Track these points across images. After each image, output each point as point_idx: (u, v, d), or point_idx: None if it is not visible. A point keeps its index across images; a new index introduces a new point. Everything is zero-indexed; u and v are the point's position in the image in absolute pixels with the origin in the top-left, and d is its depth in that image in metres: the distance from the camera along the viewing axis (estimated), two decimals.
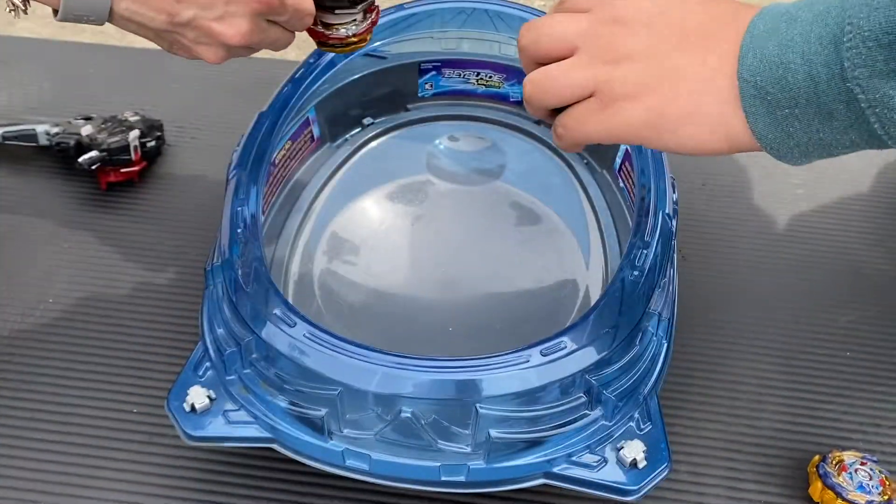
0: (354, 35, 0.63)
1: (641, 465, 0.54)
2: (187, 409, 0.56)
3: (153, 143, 0.82)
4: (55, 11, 0.56)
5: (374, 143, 0.79)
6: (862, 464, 0.59)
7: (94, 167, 0.77)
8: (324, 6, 0.61)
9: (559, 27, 0.50)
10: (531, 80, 0.50)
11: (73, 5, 0.54)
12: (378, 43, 0.75)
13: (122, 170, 0.79)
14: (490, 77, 0.79)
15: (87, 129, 0.79)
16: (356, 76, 0.76)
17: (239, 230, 0.60)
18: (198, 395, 0.56)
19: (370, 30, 0.64)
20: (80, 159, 0.77)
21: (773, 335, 0.72)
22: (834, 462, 0.60)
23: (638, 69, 0.47)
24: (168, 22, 0.55)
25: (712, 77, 0.46)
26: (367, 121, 0.79)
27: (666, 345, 0.59)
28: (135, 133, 0.79)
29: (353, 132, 0.79)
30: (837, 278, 0.76)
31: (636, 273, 0.58)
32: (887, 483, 0.58)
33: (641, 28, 0.48)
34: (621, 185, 0.72)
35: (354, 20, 0.62)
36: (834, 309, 0.74)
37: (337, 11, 0.62)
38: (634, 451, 0.54)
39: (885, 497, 0.58)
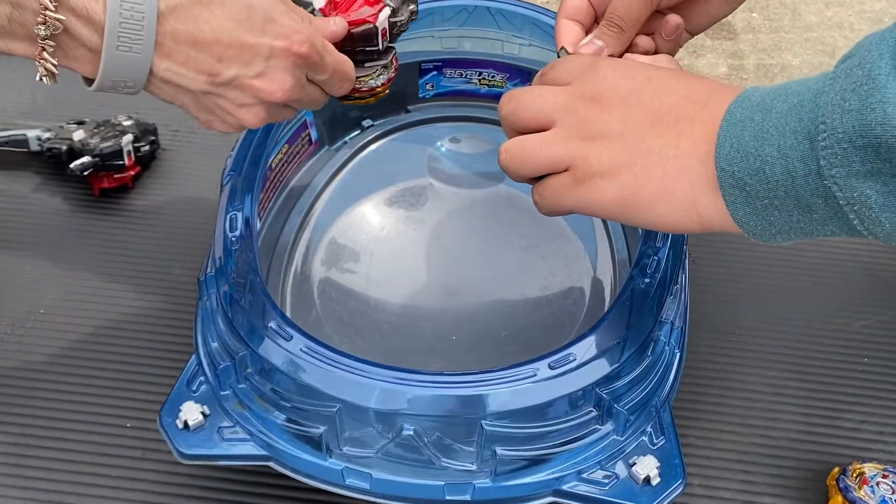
0: (382, 85, 0.62)
1: (655, 481, 0.52)
2: (180, 425, 0.54)
3: (147, 148, 0.80)
4: (87, 80, 0.51)
5: (373, 146, 0.77)
6: (884, 476, 0.57)
7: (86, 173, 0.76)
8: (354, 61, 0.59)
9: (538, 100, 0.51)
10: (507, 149, 0.51)
11: (112, 71, 0.49)
12: None
13: (116, 175, 0.78)
14: (493, 76, 0.77)
15: (79, 134, 0.77)
16: None
17: (234, 238, 0.58)
18: (191, 411, 0.54)
19: (393, 77, 0.63)
20: (71, 165, 0.75)
21: (786, 341, 0.70)
22: (854, 475, 0.58)
23: (612, 148, 0.48)
24: (209, 82, 0.52)
25: (685, 160, 0.46)
26: (366, 123, 0.78)
27: (679, 354, 0.57)
28: (128, 137, 0.77)
29: (352, 134, 0.77)
30: (852, 281, 0.74)
31: (647, 281, 0.56)
32: None
33: (617, 107, 0.48)
34: None
35: (377, 70, 0.61)
36: (849, 313, 0.72)
37: (367, 64, 0.60)
38: (647, 467, 0.52)
39: None
